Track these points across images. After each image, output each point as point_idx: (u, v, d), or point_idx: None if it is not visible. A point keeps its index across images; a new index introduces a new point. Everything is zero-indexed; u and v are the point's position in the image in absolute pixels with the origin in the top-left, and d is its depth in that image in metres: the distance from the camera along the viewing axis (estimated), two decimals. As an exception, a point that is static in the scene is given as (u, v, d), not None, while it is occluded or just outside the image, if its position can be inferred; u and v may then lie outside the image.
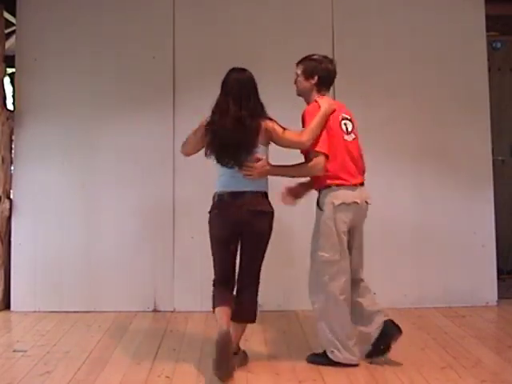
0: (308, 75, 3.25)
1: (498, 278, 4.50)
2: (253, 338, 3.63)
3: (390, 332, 3.19)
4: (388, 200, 4.45)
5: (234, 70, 3.23)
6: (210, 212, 3.23)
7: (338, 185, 3.16)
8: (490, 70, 4.69)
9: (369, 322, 3.24)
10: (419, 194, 4.48)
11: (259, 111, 3.15)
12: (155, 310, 4.42)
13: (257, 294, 3.23)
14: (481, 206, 4.50)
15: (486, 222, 4.49)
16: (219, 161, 3.17)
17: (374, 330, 3.22)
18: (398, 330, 3.19)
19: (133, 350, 3.48)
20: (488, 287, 4.45)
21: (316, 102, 3.23)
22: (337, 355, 3.16)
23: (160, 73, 4.50)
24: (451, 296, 4.41)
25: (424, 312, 4.28)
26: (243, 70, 3.21)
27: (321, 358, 3.22)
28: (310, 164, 3.16)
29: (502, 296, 4.48)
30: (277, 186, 3.34)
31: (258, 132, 3.11)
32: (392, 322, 3.22)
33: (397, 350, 3.41)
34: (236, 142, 3.09)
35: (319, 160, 3.14)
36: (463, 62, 4.53)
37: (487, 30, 4.58)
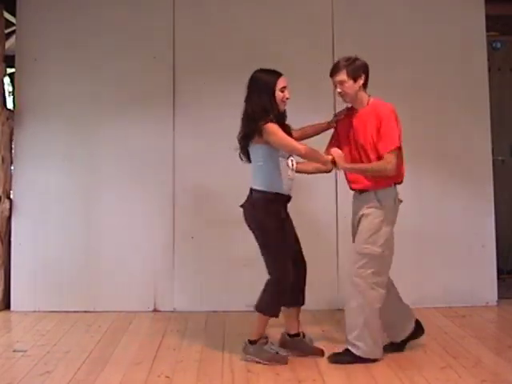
0: (356, 76, 3.22)
1: (498, 278, 4.50)
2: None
3: (418, 332, 3.48)
4: (388, 200, 4.45)
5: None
6: None
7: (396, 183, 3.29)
8: (490, 70, 4.69)
9: (401, 316, 3.39)
10: (419, 193, 4.48)
11: (257, 112, 3.17)
12: (155, 310, 4.42)
13: (266, 290, 3.23)
14: (481, 206, 4.50)
15: (486, 222, 4.49)
16: None
17: (409, 328, 3.44)
18: (423, 332, 3.48)
19: (133, 350, 3.48)
20: (488, 287, 4.45)
21: (388, 104, 3.28)
22: (363, 350, 3.18)
23: (160, 73, 4.50)
24: (451, 296, 4.41)
25: (424, 312, 4.26)
26: (257, 70, 3.30)
27: (345, 357, 3.22)
28: (381, 164, 3.15)
29: (502, 296, 4.48)
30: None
31: (253, 132, 3.17)
32: (419, 322, 3.48)
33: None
34: (241, 138, 3.27)
35: (392, 160, 3.15)
36: (463, 62, 4.53)
37: (487, 30, 4.58)
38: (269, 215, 3.24)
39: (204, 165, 4.42)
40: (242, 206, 3.32)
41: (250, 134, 3.21)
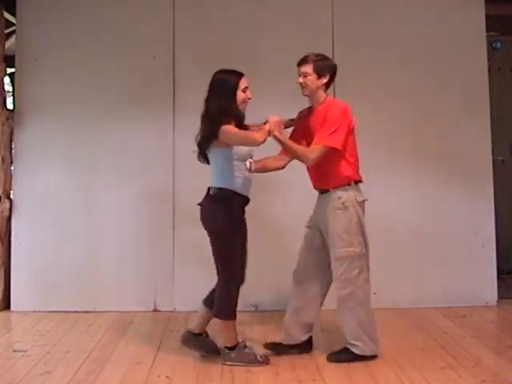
0: (321, 73, 3.25)
1: (498, 278, 4.50)
2: (252, 338, 3.63)
3: (306, 348, 3.45)
4: (388, 200, 4.45)
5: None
6: None
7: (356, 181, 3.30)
8: (489, 70, 4.69)
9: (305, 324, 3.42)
10: (419, 193, 4.48)
11: (216, 114, 3.16)
12: (155, 310, 4.42)
13: (220, 293, 3.24)
14: (481, 206, 4.50)
15: (486, 222, 4.49)
16: None
17: (304, 339, 3.42)
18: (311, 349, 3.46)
19: (133, 350, 3.48)
20: (488, 287, 4.45)
21: (341, 103, 3.29)
22: (362, 348, 3.22)
23: (160, 73, 4.50)
24: (451, 296, 4.41)
25: (424, 312, 4.28)
26: (218, 71, 3.32)
27: (344, 355, 3.26)
28: (306, 150, 3.20)
29: (502, 296, 4.48)
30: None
31: (211, 135, 3.16)
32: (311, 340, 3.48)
33: (397, 349, 3.43)
34: (200, 139, 3.25)
35: (316, 151, 3.16)
36: (463, 62, 4.53)
37: (487, 30, 4.58)
38: (228, 215, 3.19)
39: (204, 165, 4.41)
40: (199, 204, 3.28)
41: (208, 135, 3.19)
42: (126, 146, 4.48)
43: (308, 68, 3.24)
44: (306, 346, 3.44)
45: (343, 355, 3.26)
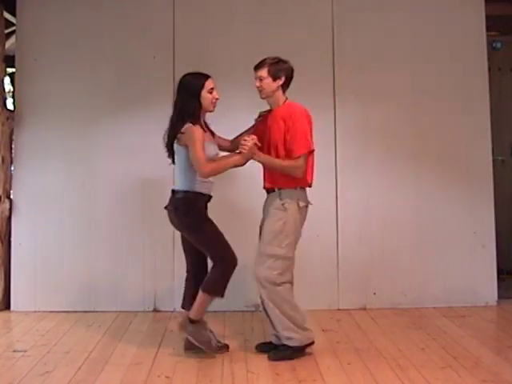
0: (276, 76, 3.31)
1: (498, 278, 4.50)
2: (252, 338, 3.63)
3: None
4: (388, 200, 4.46)
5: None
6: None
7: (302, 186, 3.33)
8: (489, 70, 4.69)
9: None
10: (419, 193, 4.48)
11: (182, 115, 3.26)
12: (155, 310, 4.42)
13: (213, 272, 3.33)
14: (481, 206, 4.50)
15: (486, 222, 4.49)
16: None
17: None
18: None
19: (133, 350, 3.48)
20: (488, 287, 4.45)
21: (301, 107, 3.33)
22: (298, 339, 3.26)
23: (160, 73, 4.50)
24: (451, 296, 4.41)
25: (424, 312, 4.28)
26: (185, 74, 3.41)
27: (283, 352, 3.29)
28: (293, 164, 3.23)
29: (502, 296, 4.48)
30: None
31: (177, 133, 3.26)
32: None
33: (397, 349, 3.43)
34: (166, 140, 3.38)
35: (301, 163, 3.23)
36: (463, 62, 4.53)
37: (487, 30, 4.58)
38: (192, 214, 3.31)
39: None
40: (165, 208, 3.40)
41: (174, 136, 3.29)
42: (125, 145, 4.48)
43: (263, 72, 3.31)
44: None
45: (282, 352, 3.30)
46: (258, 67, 3.34)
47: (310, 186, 3.39)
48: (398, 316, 4.19)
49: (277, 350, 3.33)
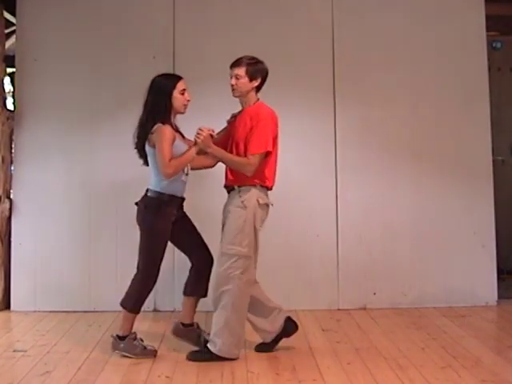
0: (253, 76, 3.29)
1: (498, 278, 4.50)
2: (252, 338, 3.63)
3: (290, 329, 3.44)
4: (388, 200, 4.46)
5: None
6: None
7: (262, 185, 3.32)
8: (489, 70, 4.69)
9: (269, 316, 3.42)
10: (419, 193, 4.48)
11: (152, 116, 3.26)
12: (155, 310, 4.42)
13: (132, 287, 3.39)
14: (481, 206, 4.50)
15: (486, 222, 4.49)
16: None
17: (277, 327, 3.41)
18: (296, 327, 3.47)
19: (133, 350, 3.48)
20: (488, 287, 4.45)
21: (270, 110, 3.33)
22: (220, 348, 3.24)
23: (160, 73, 4.48)
24: (451, 296, 4.42)
25: (424, 312, 4.28)
26: (157, 75, 3.41)
27: (202, 354, 3.30)
28: (244, 162, 3.23)
29: (501, 296, 4.49)
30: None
31: (147, 133, 3.26)
32: (291, 318, 3.46)
33: (397, 349, 3.43)
34: (136, 141, 3.39)
35: (253, 161, 3.22)
36: (463, 61, 4.53)
37: (487, 30, 4.58)
38: (159, 218, 3.31)
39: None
40: (136, 203, 3.40)
41: (144, 136, 3.29)
42: (126, 145, 4.45)
43: (241, 70, 3.29)
44: (288, 329, 3.44)
45: (201, 354, 3.30)
46: (235, 65, 3.31)
47: (270, 189, 3.37)
48: (398, 316, 4.19)
49: (197, 351, 3.33)
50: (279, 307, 3.47)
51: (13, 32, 4.76)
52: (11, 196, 4.52)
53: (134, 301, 3.34)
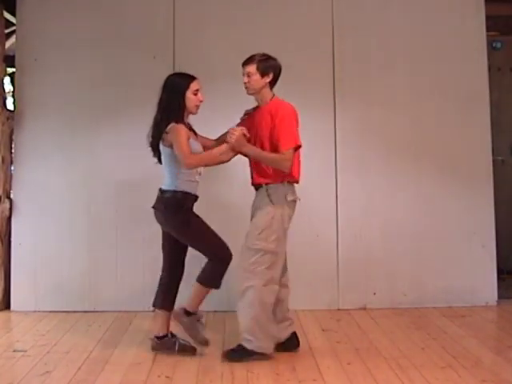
0: (264, 73, 3.31)
1: (498, 278, 4.50)
2: (253, 338, 3.63)
3: (291, 345, 3.44)
4: (388, 200, 4.46)
5: None
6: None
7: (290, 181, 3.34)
8: (489, 70, 4.69)
9: (281, 324, 3.41)
10: (419, 193, 4.48)
11: (166, 115, 3.27)
12: (155, 310, 4.41)
13: (214, 265, 3.32)
14: (481, 206, 4.50)
15: (486, 222, 4.49)
16: None
17: (282, 337, 3.40)
18: (297, 346, 3.46)
19: (133, 350, 3.48)
20: (488, 287, 4.45)
21: (289, 104, 3.33)
22: (255, 344, 3.25)
23: (160, 73, 4.48)
24: (451, 296, 4.41)
25: (424, 312, 4.28)
26: (171, 73, 3.45)
27: (238, 352, 3.29)
28: (281, 157, 3.22)
29: (501, 296, 4.48)
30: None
31: (161, 133, 3.26)
32: (296, 335, 3.47)
33: (397, 349, 3.43)
34: (150, 140, 3.36)
35: (289, 157, 3.22)
36: (463, 61, 4.53)
37: (487, 30, 4.58)
38: (182, 213, 3.32)
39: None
40: (153, 207, 3.40)
41: (158, 135, 3.29)
42: (126, 145, 4.47)
43: (251, 68, 3.31)
44: (290, 344, 3.44)
45: (237, 353, 3.29)
46: (246, 63, 3.34)
47: (297, 182, 3.39)
48: (398, 316, 4.19)
49: (232, 350, 3.32)
50: (292, 320, 3.49)
51: (13, 32, 4.76)
52: (11, 196, 4.52)
53: (212, 277, 3.29)
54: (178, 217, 3.32)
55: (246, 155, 3.36)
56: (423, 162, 4.49)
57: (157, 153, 3.40)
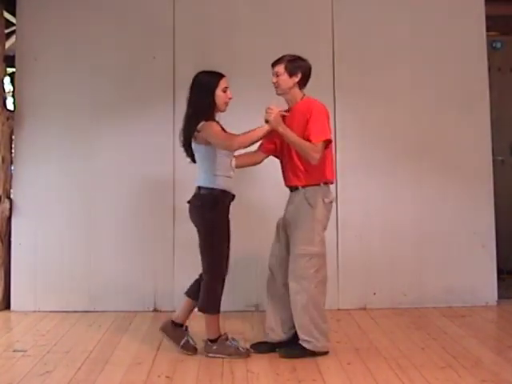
0: (292, 72, 3.31)
1: (498, 278, 4.50)
2: (252, 338, 3.63)
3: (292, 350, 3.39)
4: (388, 200, 4.46)
5: None
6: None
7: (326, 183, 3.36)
8: (489, 70, 4.69)
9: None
10: (419, 193, 4.48)
11: (197, 113, 3.25)
12: (155, 310, 4.42)
13: (206, 289, 3.32)
14: (481, 206, 4.50)
15: (486, 222, 4.49)
16: None
17: (287, 336, 3.41)
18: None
19: (133, 350, 3.48)
20: (488, 287, 4.45)
21: (319, 102, 3.33)
22: (314, 344, 3.28)
23: (160, 73, 4.50)
24: (451, 296, 4.41)
25: (424, 312, 4.28)
26: (200, 72, 3.38)
27: (297, 350, 3.31)
28: (312, 147, 3.21)
29: (501, 296, 4.48)
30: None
31: (193, 131, 3.24)
32: (296, 335, 3.40)
33: (397, 349, 3.43)
34: (182, 139, 3.34)
35: (319, 148, 3.21)
36: (463, 62, 4.53)
37: (487, 30, 4.58)
38: (217, 213, 3.29)
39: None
40: (189, 202, 3.37)
41: (191, 134, 3.27)
42: (125, 145, 4.48)
43: (280, 68, 3.33)
44: (291, 347, 3.42)
45: (295, 351, 3.32)
46: (275, 63, 3.35)
47: (332, 183, 3.41)
48: (398, 316, 4.19)
49: (290, 348, 3.34)
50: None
51: (13, 32, 4.76)
52: (11, 196, 4.52)
53: (211, 303, 3.31)
54: (213, 214, 3.28)
55: (280, 135, 3.31)
56: (423, 162, 4.49)
57: (189, 152, 3.35)
